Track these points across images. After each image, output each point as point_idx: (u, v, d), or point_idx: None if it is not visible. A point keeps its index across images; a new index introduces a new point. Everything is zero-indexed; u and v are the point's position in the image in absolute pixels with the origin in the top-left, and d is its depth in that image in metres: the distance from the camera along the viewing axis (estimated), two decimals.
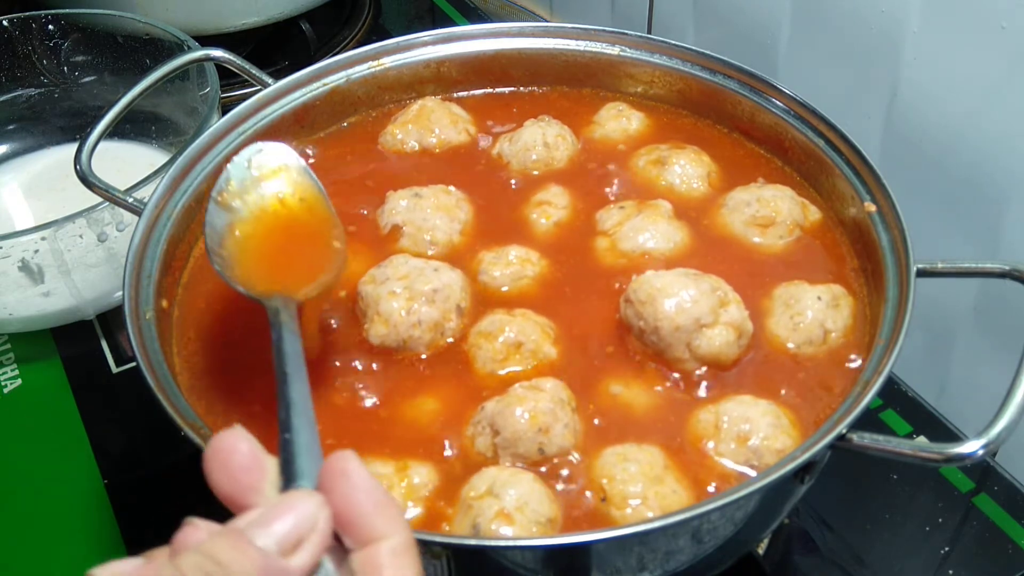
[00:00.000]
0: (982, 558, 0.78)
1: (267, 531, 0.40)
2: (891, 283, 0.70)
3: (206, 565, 0.38)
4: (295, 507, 0.41)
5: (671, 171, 0.85)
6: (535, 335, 0.71)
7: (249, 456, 0.43)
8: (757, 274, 0.77)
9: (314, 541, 0.41)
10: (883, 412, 0.90)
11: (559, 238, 0.81)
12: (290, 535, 0.40)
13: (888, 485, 0.83)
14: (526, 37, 0.95)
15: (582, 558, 0.58)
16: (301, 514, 0.41)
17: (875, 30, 0.93)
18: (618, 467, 0.63)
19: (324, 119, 0.93)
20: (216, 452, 0.43)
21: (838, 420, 0.60)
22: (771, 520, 0.70)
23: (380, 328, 0.71)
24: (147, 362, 0.65)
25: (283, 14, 1.29)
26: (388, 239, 0.81)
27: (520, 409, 0.64)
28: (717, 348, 0.69)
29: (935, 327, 0.98)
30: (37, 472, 0.88)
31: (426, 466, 0.64)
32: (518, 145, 0.89)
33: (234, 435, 0.44)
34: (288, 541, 0.40)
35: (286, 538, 0.40)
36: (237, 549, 0.39)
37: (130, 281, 0.71)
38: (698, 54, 0.90)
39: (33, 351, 0.99)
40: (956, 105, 0.89)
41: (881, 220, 0.74)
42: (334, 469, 0.43)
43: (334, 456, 0.44)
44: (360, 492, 0.43)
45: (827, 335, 0.72)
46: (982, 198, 0.89)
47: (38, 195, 1.11)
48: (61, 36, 1.15)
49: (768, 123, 0.87)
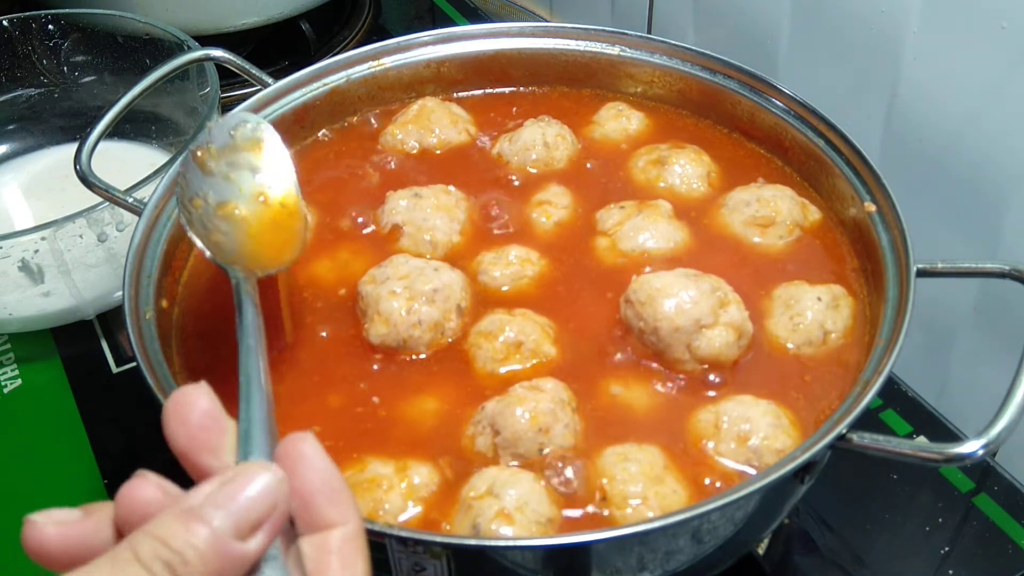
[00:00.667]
0: (982, 558, 0.78)
1: (225, 511, 0.38)
2: (891, 283, 0.70)
3: (161, 552, 0.36)
4: (254, 481, 0.39)
5: (671, 171, 0.85)
6: (535, 335, 0.71)
7: (209, 414, 0.41)
8: (757, 274, 0.77)
9: (273, 523, 0.39)
10: (883, 412, 0.90)
11: (559, 238, 0.81)
12: (248, 515, 0.38)
13: (888, 485, 0.83)
14: (526, 37, 0.95)
15: (582, 558, 0.58)
16: (261, 491, 0.39)
17: (875, 30, 0.93)
18: (618, 467, 0.63)
19: (324, 119, 0.93)
20: (176, 405, 0.41)
21: (838, 420, 0.60)
22: (771, 520, 0.70)
23: (380, 328, 0.71)
24: (147, 362, 0.65)
25: (283, 14, 1.29)
26: (388, 239, 0.81)
27: (520, 409, 0.64)
28: (717, 349, 0.69)
29: (935, 327, 0.97)
30: (37, 472, 0.88)
31: (426, 466, 0.64)
32: (518, 145, 0.89)
33: (197, 390, 0.42)
34: (246, 522, 0.38)
35: (244, 519, 0.38)
36: (191, 532, 0.37)
37: (130, 281, 0.71)
38: (698, 54, 0.90)
39: (33, 351, 0.99)
40: (956, 105, 0.89)
41: (881, 220, 0.74)
42: (291, 451, 0.41)
43: (292, 437, 0.42)
44: (318, 476, 0.41)
45: (827, 336, 0.72)
46: (982, 198, 0.89)
47: (38, 195, 1.11)
48: (61, 36, 1.15)
49: (768, 123, 0.87)
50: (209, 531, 0.37)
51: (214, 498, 0.38)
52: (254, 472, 0.39)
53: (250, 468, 0.40)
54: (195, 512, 0.38)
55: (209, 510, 0.38)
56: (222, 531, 0.37)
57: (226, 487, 0.39)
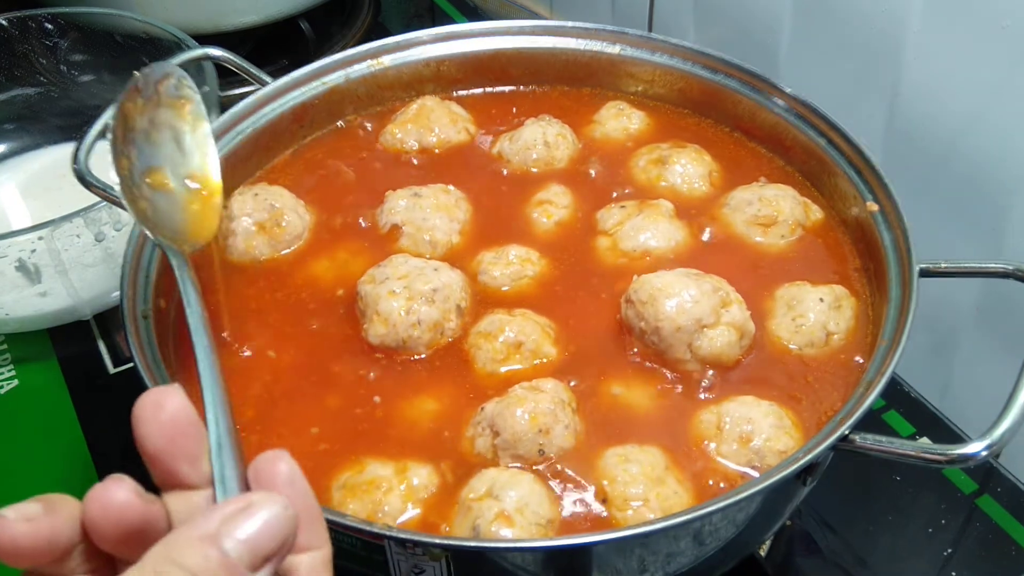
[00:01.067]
0: (985, 560, 0.78)
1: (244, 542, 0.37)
2: (894, 283, 0.70)
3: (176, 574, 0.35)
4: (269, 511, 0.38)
5: (672, 170, 0.85)
6: (535, 335, 0.70)
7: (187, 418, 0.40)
8: (759, 274, 0.77)
9: (280, 556, 0.38)
10: (886, 413, 0.89)
11: (560, 237, 0.81)
12: (264, 547, 0.37)
13: (891, 486, 0.82)
14: (526, 36, 0.95)
15: (582, 560, 0.58)
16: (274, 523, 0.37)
17: (877, 29, 0.93)
18: (619, 468, 0.62)
19: (323, 118, 0.93)
20: (151, 405, 0.40)
21: (841, 421, 0.60)
22: (773, 522, 0.70)
23: (379, 327, 0.70)
24: (145, 362, 0.65)
25: (282, 13, 1.29)
26: (387, 239, 0.80)
27: (520, 410, 0.63)
28: (719, 349, 0.68)
29: (938, 327, 0.97)
30: (34, 473, 0.88)
31: (426, 467, 0.64)
32: (518, 144, 0.88)
33: (174, 392, 0.40)
34: (260, 554, 0.37)
35: (260, 550, 0.37)
36: (209, 559, 0.36)
37: (128, 281, 0.71)
38: (699, 53, 0.90)
39: (30, 351, 0.99)
40: (959, 104, 0.88)
41: (883, 220, 0.74)
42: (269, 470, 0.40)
43: (268, 456, 0.40)
44: (301, 500, 0.40)
45: (829, 337, 0.71)
46: (985, 197, 0.89)
47: (35, 194, 1.10)
48: (59, 35, 1.14)
49: (770, 122, 0.86)
50: (228, 560, 0.36)
51: (232, 526, 0.37)
52: (267, 502, 0.38)
53: (264, 498, 0.38)
54: (214, 538, 0.37)
55: (227, 539, 0.37)
56: (240, 561, 0.37)
57: (243, 515, 0.38)
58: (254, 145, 0.88)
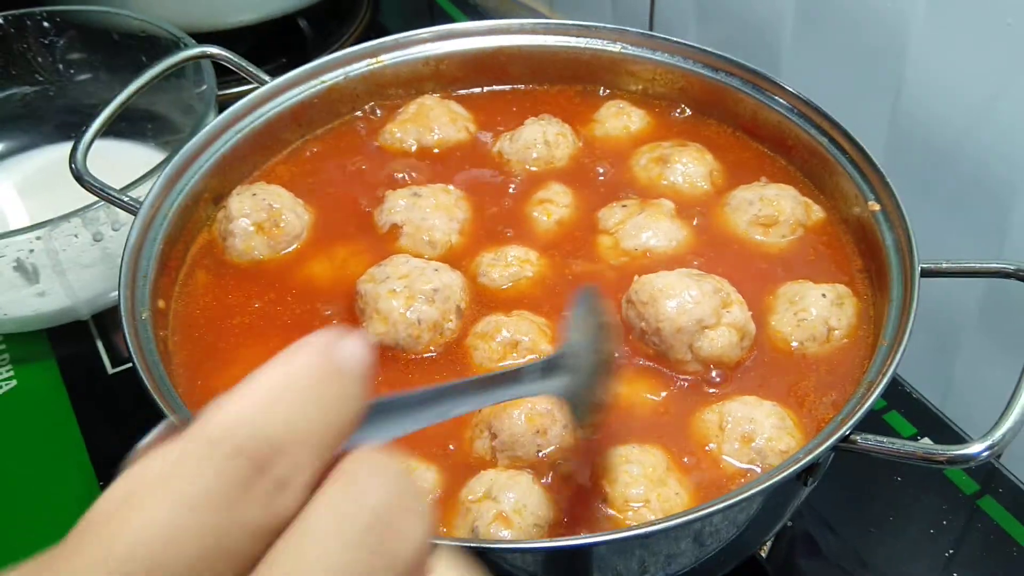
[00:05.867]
0: (987, 561, 0.78)
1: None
2: (895, 283, 0.69)
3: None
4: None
5: (673, 169, 0.84)
6: (531, 334, 0.70)
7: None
8: (760, 274, 0.76)
9: None
10: (887, 414, 0.89)
11: (560, 236, 0.81)
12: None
13: (892, 487, 0.82)
14: (526, 34, 0.95)
15: (582, 561, 0.57)
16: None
17: (879, 27, 0.92)
18: (620, 469, 0.62)
19: (322, 117, 0.92)
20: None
21: (842, 421, 0.59)
22: (774, 522, 0.70)
23: (379, 326, 0.70)
24: (143, 363, 0.65)
25: (280, 11, 1.28)
26: (386, 238, 0.80)
27: (517, 411, 0.63)
28: (719, 349, 0.68)
29: (940, 328, 0.97)
30: (32, 474, 0.87)
31: (425, 468, 0.63)
32: (518, 143, 0.88)
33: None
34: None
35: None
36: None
37: (126, 281, 0.70)
38: (700, 51, 0.89)
39: (28, 352, 0.99)
40: (961, 103, 0.88)
41: (885, 219, 0.74)
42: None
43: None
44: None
45: (831, 333, 0.71)
46: (988, 197, 0.89)
47: (33, 194, 1.10)
48: (57, 33, 1.14)
49: (771, 121, 0.86)
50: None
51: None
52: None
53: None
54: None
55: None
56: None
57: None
58: (252, 144, 0.87)
